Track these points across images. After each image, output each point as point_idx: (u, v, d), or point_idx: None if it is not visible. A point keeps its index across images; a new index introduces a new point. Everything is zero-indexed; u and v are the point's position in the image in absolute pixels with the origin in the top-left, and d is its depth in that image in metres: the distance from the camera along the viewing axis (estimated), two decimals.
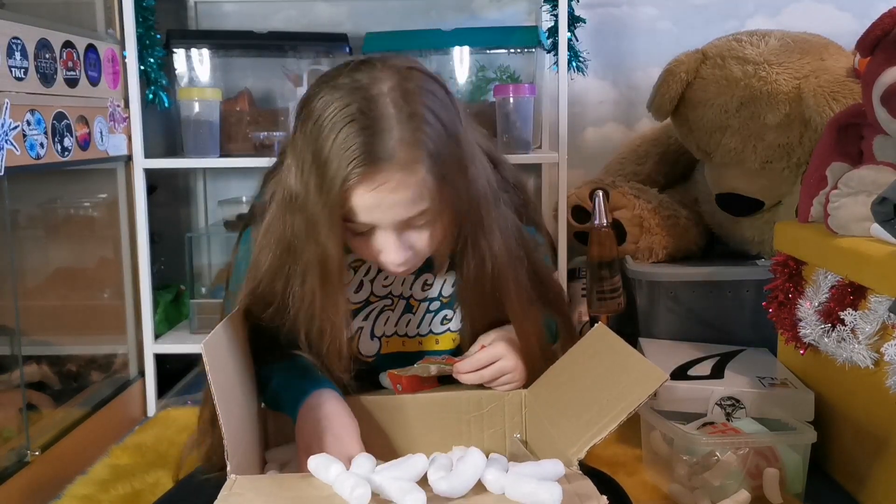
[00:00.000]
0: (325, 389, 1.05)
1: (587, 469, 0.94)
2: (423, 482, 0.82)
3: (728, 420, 1.48)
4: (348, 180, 0.92)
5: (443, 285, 1.16)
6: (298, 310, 1.04)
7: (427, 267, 1.13)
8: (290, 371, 1.09)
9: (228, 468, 0.85)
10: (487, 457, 0.88)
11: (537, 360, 1.12)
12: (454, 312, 1.17)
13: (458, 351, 1.19)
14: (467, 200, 1.01)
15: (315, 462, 0.85)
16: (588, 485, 0.85)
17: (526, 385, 1.13)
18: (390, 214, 0.96)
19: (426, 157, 0.94)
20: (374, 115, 0.93)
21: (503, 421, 1.11)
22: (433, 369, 1.12)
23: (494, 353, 1.11)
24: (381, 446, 1.06)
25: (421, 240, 1.01)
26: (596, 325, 1.10)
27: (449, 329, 1.18)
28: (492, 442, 1.11)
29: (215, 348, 0.90)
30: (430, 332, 1.19)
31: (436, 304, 1.17)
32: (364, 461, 0.85)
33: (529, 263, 1.13)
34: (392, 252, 0.99)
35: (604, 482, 1.04)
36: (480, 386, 1.13)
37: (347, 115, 0.93)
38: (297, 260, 1.03)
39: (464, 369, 1.11)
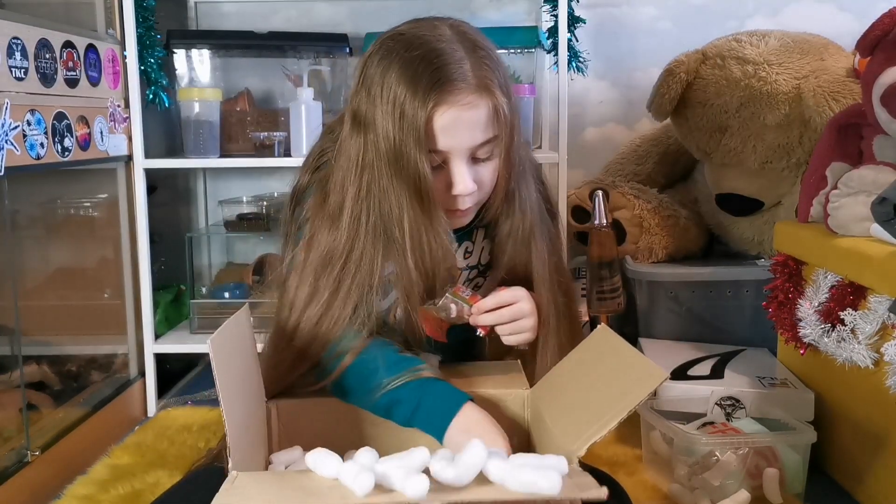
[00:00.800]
0: (469, 404, 1.03)
1: (587, 468, 0.94)
2: (426, 474, 0.82)
3: (728, 420, 1.48)
4: (430, 101, 0.99)
5: (481, 252, 1.20)
6: (405, 242, 1.06)
7: (467, 235, 1.18)
8: (403, 373, 1.05)
9: (230, 465, 0.85)
10: None
11: (548, 328, 1.15)
12: (485, 280, 1.22)
13: None
14: (518, 146, 1.10)
15: (313, 457, 0.85)
16: (588, 478, 0.86)
17: (533, 353, 1.14)
18: (466, 136, 1.03)
19: (496, 84, 1.04)
20: (444, 50, 1.02)
21: (504, 420, 1.11)
22: (454, 310, 1.13)
23: (515, 294, 1.13)
24: (382, 445, 1.05)
25: (485, 174, 1.08)
26: (598, 326, 1.10)
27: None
28: None
29: (222, 345, 0.90)
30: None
31: (474, 273, 1.21)
32: (366, 453, 0.85)
33: (550, 240, 1.19)
34: (463, 181, 1.05)
35: (604, 482, 1.04)
36: (483, 386, 1.12)
37: (420, 50, 1.02)
38: (379, 207, 1.06)
39: (486, 305, 1.13)
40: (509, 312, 1.13)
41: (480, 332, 1.15)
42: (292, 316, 1.09)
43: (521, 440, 1.11)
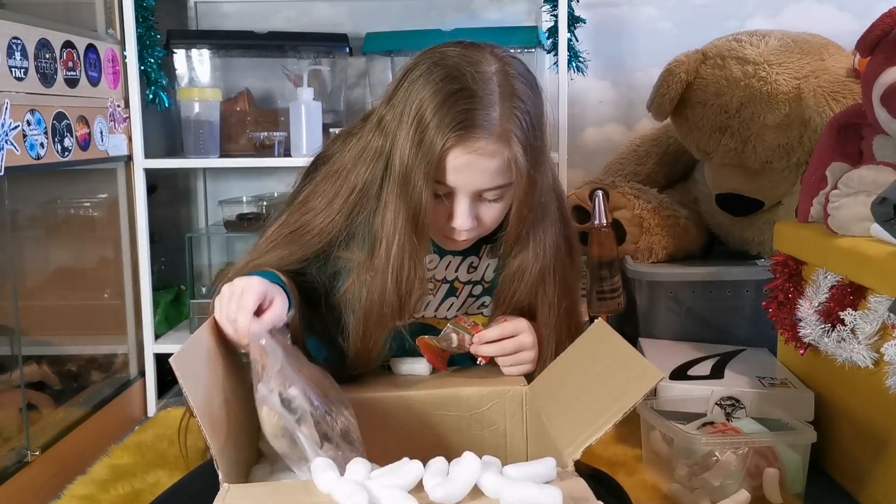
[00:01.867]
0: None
1: (586, 468, 0.93)
2: (419, 489, 0.82)
3: (728, 420, 1.48)
4: (448, 140, 1.00)
5: (486, 270, 1.20)
6: (389, 260, 1.07)
7: (473, 250, 1.17)
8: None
9: (220, 477, 0.84)
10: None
11: (546, 364, 1.14)
12: (491, 299, 1.21)
13: None
14: (539, 192, 1.09)
15: (314, 465, 0.85)
16: (582, 486, 0.85)
17: (531, 377, 1.14)
18: (475, 180, 1.03)
19: (519, 136, 1.03)
20: (481, 90, 1.01)
21: (504, 418, 1.11)
22: (455, 340, 1.14)
23: (518, 327, 1.14)
24: (380, 444, 1.05)
25: (488, 214, 1.08)
26: (596, 321, 1.10)
27: (482, 314, 1.22)
28: (492, 439, 1.11)
29: (188, 361, 0.89)
30: (445, 318, 1.21)
31: (478, 289, 1.21)
32: (359, 467, 0.84)
33: (563, 283, 1.18)
34: (462, 217, 1.05)
35: (604, 482, 1.04)
36: (481, 383, 1.13)
37: (456, 84, 1.01)
38: (369, 207, 1.08)
39: (488, 337, 1.14)
40: (511, 345, 1.14)
41: (481, 362, 1.16)
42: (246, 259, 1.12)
43: (518, 437, 1.11)
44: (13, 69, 1.41)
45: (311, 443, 0.87)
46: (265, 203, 2.05)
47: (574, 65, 1.92)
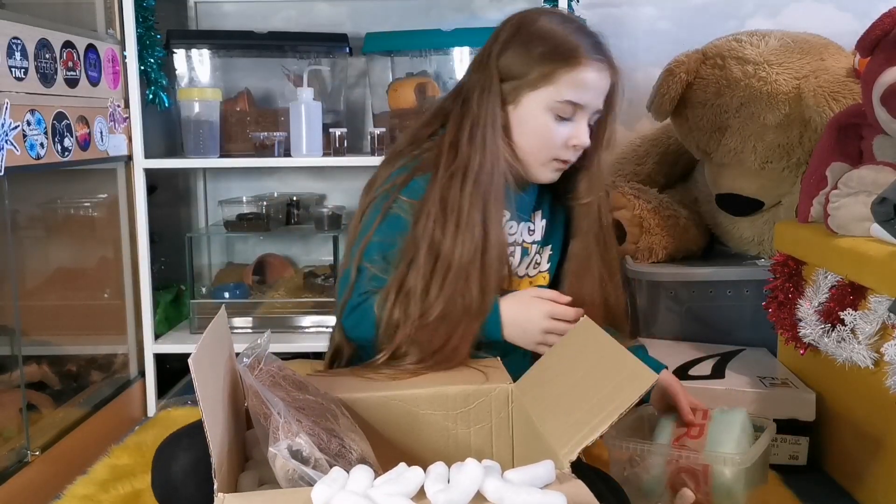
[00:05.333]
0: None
1: (585, 468, 0.93)
2: (421, 495, 0.81)
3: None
4: (582, 54, 1.19)
5: (542, 230, 1.32)
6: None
7: (528, 215, 1.30)
8: None
9: (216, 486, 0.84)
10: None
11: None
12: (541, 256, 1.32)
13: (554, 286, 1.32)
14: (610, 137, 1.28)
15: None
16: (584, 490, 0.85)
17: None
18: (595, 97, 1.21)
19: (619, 72, 1.25)
20: (594, 31, 1.25)
21: (490, 416, 1.11)
22: None
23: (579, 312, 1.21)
24: (372, 444, 1.05)
25: (589, 137, 1.24)
26: (581, 319, 1.10)
27: (540, 271, 1.33)
28: (478, 438, 1.10)
29: (203, 361, 0.88)
30: (527, 275, 1.31)
31: (535, 248, 1.31)
32: (362, 476, 0.83)
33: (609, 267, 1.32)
34: (584, 134, 1.22)
35: (602, 482, 1.04)
36: (466, 382, 1.12)
37: (577, 24, 1.24)
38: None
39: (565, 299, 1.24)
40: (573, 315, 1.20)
41: None
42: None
43: (504, 436, 1.11)
44: (13, 69, 1.41)
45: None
46: (265, 203, 2.05)
47: None
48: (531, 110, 1.20)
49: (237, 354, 0.99)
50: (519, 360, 1.19)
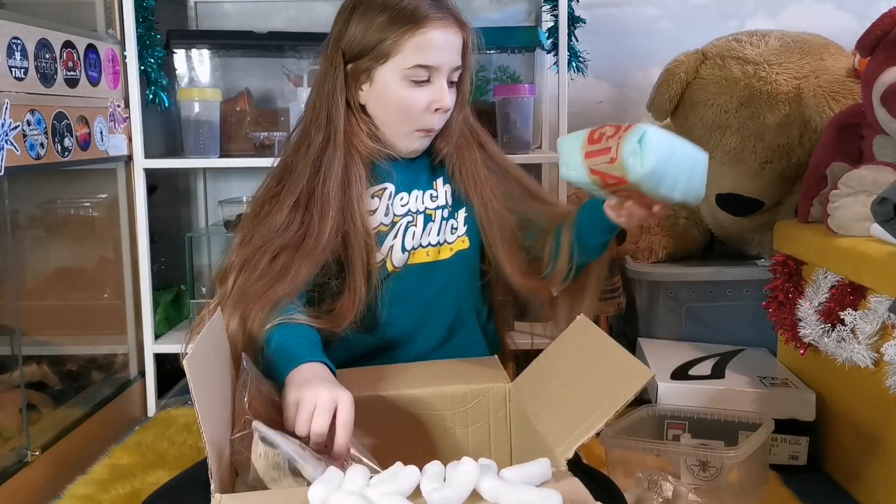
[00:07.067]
0: (318, 363, 1.04)
1: (582, 468, 0.93)
2: (417, 494, 0.81)
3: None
4: (422, 14, 1.17)
5: (446, 195, 1.29)
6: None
7: (428, 183, 1.28)
8: (289, 338, 1.08)
9: (213, 487, 0.84)
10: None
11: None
12: (456, 220, 1.29)
13: (471, 252, 1.30)
14: (463, 97, 1.25)
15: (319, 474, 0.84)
16: (580, 487, 0.85)
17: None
18: (447, 56, 1.19)
19: (467, 24, 1.23)
20: None
21: (488, 416, 1.11)
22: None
23: None
24: (369, 444, 1.05)
25: (452, 97, 1.22)
26: (578, 317, 1.10)
27: (458, 235, 1.29)
28: (476, 437, 1.10)
29: (198, 362, 0.88)
30: (445, 241, 1.28)
31: (446, 212, 1.28)
32: (357, 475, 0.83)
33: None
34: (444, 96, 1.20)
35: (599, 481, 1.04)
36: (464, 381, 1.12)
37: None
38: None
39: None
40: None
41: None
42: None
43: (503, 435, 1.11)
44: (13, 69, 1.41)
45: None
46: None
47: (574, 65, 1.92)
48: (386, 84, 1.20)
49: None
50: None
